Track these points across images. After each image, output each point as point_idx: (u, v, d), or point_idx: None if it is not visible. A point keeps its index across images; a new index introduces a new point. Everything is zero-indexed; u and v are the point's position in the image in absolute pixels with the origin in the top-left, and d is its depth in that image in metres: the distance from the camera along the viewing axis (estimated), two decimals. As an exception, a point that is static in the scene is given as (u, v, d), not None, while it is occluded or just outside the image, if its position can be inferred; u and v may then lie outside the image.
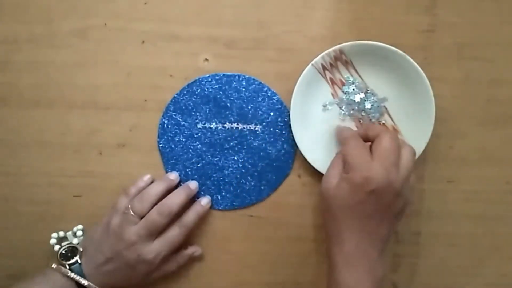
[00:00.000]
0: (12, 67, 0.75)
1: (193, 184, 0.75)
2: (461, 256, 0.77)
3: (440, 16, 0.74)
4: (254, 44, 0.74)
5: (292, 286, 0.77)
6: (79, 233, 0.76)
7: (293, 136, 0.73)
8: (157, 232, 0.71)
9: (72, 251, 0.72)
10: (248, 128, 0.75)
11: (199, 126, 0.75)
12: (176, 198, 0.72)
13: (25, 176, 0.77)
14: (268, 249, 0.77)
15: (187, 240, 0.76)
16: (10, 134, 0.76)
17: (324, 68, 0.72)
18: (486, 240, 0.77)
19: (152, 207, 0.71)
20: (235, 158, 0.75)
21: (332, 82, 0.73)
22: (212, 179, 0.76)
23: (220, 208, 0.76)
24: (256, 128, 0.75)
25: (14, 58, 0.75)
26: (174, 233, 0.72)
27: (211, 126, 0.75)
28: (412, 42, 0.73)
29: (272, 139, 0.75)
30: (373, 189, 0.62)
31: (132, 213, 0.70)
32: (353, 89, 0.73)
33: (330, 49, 0.70)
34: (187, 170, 0.76)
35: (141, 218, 0.71)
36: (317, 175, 0.75)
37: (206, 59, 0.75)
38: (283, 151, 0.75)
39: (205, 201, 0.75)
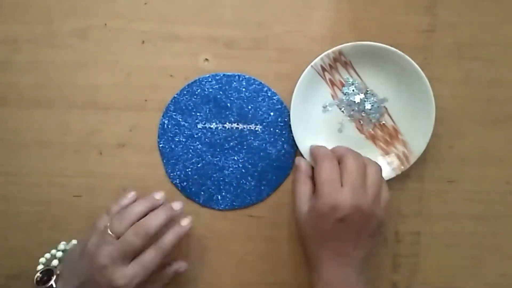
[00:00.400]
0: (12, 67, 0.75)
1: (177, 205, 0.70)
2: (461, 256, 0.77)
3: (440, 16, 0.74)
4: (254, 44, 0.74)
5: (292, 286, 0.77)
6: (59, 254, 0.72)
7: (293, 136, 0.74)
8: (132, 254, 0.66)
9: (49, 274, 0.69)
10: (248, 128, 0.75)
11: (199, 126, 0.75)
12: (155, 219, 0.67)
13: (25, 176, 0.77)
14: (268, 249, 0.77)
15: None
16: (10, 134, 0.76)
17: (323, 69, 0.72)
18: (486, 240, 0.77)
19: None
20: (235, 158, 0.75)
21: (332, 84, 0.73)
22: (212, 179, 0.76)
23: (220, 208, 0.76)
24: (256, 128, 0.75)
25: (14, 58, 0.75)
26: (150, 257, 0.66)
27: (211, 126, 0.75)
28: (412, 42, 0.73)
29: (272, 139, 0.75)
30: (341, 217, 0.63)
31: (110, 233, 0.66)
32: (353, 90, 0.73)
33: (329, 51, 0.70)
34: (187, 170, 0.76)
35: (119, 238, 0.66)
36: (317, 175, 0.75)
37: (206, 59, 0.75)
38: (283, 151, 0.75)
39: (185, 221, 0.70)
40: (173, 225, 0.70)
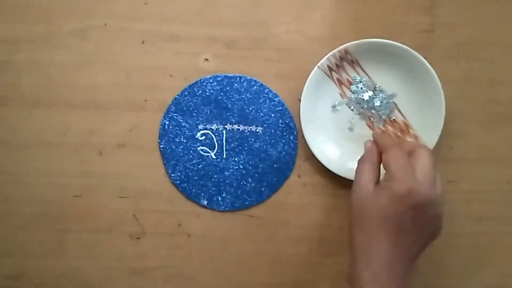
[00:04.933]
0: (12, 67, 0.75)
1: None
2: (461, 256, 0.77)
3: (440, 16, 0.74)
4: (254, 44, 0.74)
5: (292, 286, 0.77)
6: None
7: (293, 137, 0.74)
8: None
9: None
10: (249, 129, 0.75)
11: (200, 127, 0.75)
12: None
13: (25, 176, 0.77)
14: (268, 249, 0.77)
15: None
16: (10, 134, 0.76)
17: (330, 69, 0.72)
18: (486, 240, 0.77)
19: None
20: (236, 159, 0.75)
21: (340, 83, 0.73)
22: (212, 180, 0.76)
23: (221, 209, 0.76)
24: (257, 130, 0.75)
25: (14, 58, 0.75)
26: None
27: (212, 127, 0.75)
28: (412, 42, 0.72)
29: (273, 140, 0.75)
30: (416, 203, 0.59)
31: None
32: (361, 88, 0.73)
33: (335, 50, 0.70)
34: (188, 171, 0.76)
35: None
36: (317, 175, 0.75)
37: (206, 59, 0.75)
38: (283, 152, 0.75)
39: None
40: None
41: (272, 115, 0.75)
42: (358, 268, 0.60)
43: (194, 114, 0.75)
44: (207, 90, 0.75)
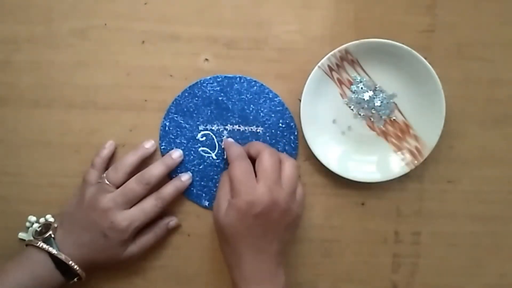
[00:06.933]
0: (12, 67, 0.75)
1: (175, 154, 0.75)
2: (461, 256, 0.77)
3: (440, 16, 0.74)
4: (254, 44, 0.74)
5: (292, 286, 0.77)
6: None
7: (294, 137, 0.74)
8: (134, 200, 0.71)
9: (46, 227, 0.72)
10: (250, 130, 0.75)
11: (201, 128, 0.75)
12: (155, 169, 0.72)
13: (25, 176, 0.77)
14: (268, 249, 0.77)
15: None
16: (10, 134, 0.76)
17: (331, 69, 0.72)
18: (486, 240, 0.77)
19: (128, 176, 0.72)
20: (237, 160, 0.75)
21: (340, 83, 0.73)
22: (214, 181, 0.76)
23: (222, 210, 0.76)
24: (258, 130, 0.75)
25: (14, 58, 0.75)
26: (150, 203, 0.71)
27: (213, 128, 0.75)
28: (412, 42, 0.72)
29: (273, 140, 0.75)
30: (259, 212, 0.63)
31: (107, 182, 0.72)
32: (362, 88, 0.73)
33: (336, 50, 0.70)
34: (189, 171, 0.76)
35: (117, 187, 0.72)
36: (316, 175, 0.75)
37: (206, 59, 0.75)
38: (284, 152, 0.75)
39: (185, 177, 0.75)
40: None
41: (273, 115, 0.75)
42: (234, 276, 0.67)
43: (195, 115, 0.75)
44: (207, 91, 0.75)
